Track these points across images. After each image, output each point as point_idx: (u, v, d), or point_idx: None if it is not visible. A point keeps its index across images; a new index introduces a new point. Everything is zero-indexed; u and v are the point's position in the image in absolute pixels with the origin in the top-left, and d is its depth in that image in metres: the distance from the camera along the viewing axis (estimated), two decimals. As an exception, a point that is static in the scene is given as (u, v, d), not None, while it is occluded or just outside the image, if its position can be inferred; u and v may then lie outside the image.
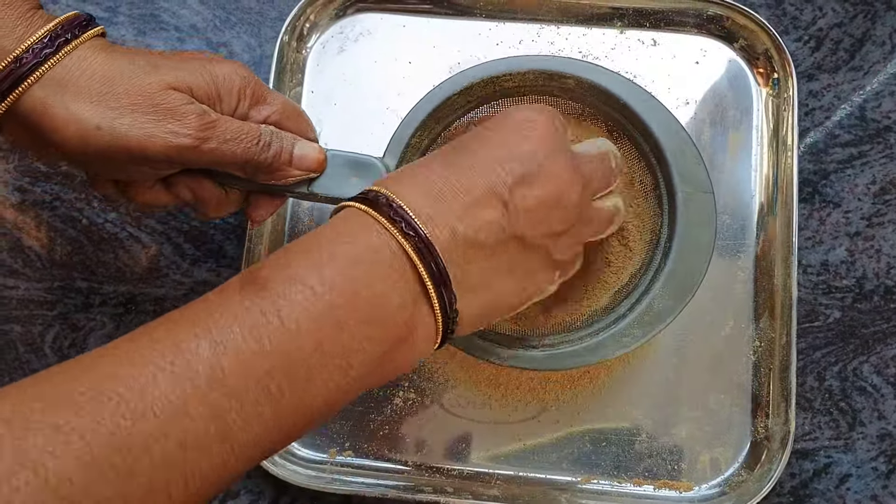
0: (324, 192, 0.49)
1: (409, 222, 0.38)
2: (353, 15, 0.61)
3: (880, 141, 0.58)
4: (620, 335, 0.48)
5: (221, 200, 0.49)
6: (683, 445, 0.54)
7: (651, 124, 0.49)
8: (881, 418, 0.55)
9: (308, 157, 0.48)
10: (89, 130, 0.41)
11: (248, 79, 0.46)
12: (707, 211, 0.49)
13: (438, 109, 0.51)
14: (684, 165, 0.49)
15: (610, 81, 0.50)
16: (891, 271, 0.56)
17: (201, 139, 0.43)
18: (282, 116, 0.47)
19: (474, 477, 0.54)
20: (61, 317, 0.57)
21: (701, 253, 0.49)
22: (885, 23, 0.60)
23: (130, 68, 0.42)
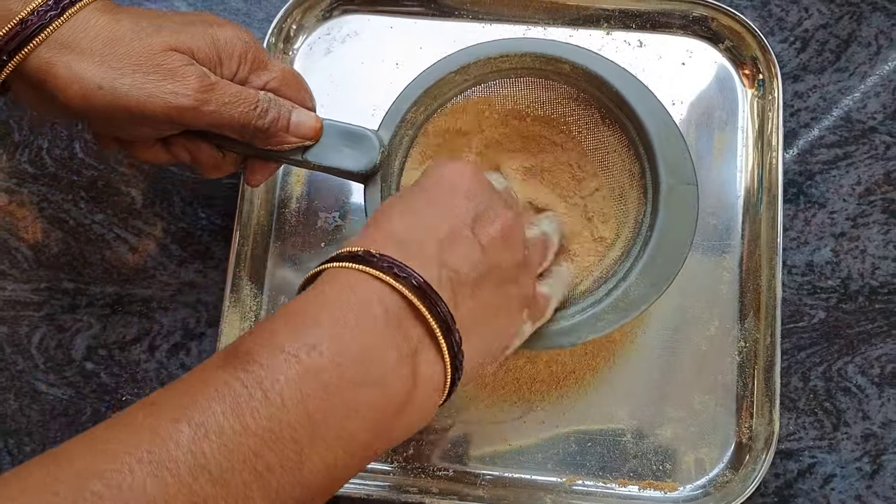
0: (317, 161, 0.50)
1: (400, 267, 0.37)
2: (340, 16, 0.61)
3: (865, 142, 0.58)
4: (595, 319, 0.49)
5: (218, 163, 0.50)
6: (668, 446, 0.54)
7: (641, 114, 0.50)
8: (865, 418, 0.55)
9: (304, 124, 0.48)
10: (92, 90, 0.42)
11: (250, 44, 0.47)
12: (689, 203, 0.49)
13: (435, 86, 0.51)
14: (671, 157, 0.49)
15: (605, 69, 0.50)
16: (875, 272, 0.57)
17: (200, 101, 0.44)
18: (281, 84, 0.48)
19: (460, 478, 0.55)
20: (48, 318, 0.57)
21: (680, 244, 0.49)
22: (871, 24, 0.60)
23: (133, 30, 0.43)
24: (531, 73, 0.53)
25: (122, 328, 0.57)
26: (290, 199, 0.59)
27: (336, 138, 0.50)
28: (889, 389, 0.55)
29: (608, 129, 0.53)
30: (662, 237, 0.49)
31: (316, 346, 0.35)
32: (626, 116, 0.51)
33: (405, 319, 0.37)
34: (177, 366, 0.57)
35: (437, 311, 0.37)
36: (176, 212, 0.59)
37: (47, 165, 0.60)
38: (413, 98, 0.51)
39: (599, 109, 0.53)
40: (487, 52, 0.51)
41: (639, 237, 0.51)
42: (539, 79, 0.53)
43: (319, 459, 0.34)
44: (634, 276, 0.49)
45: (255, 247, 0.57)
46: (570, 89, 0.53)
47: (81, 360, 0.57)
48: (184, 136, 0.48)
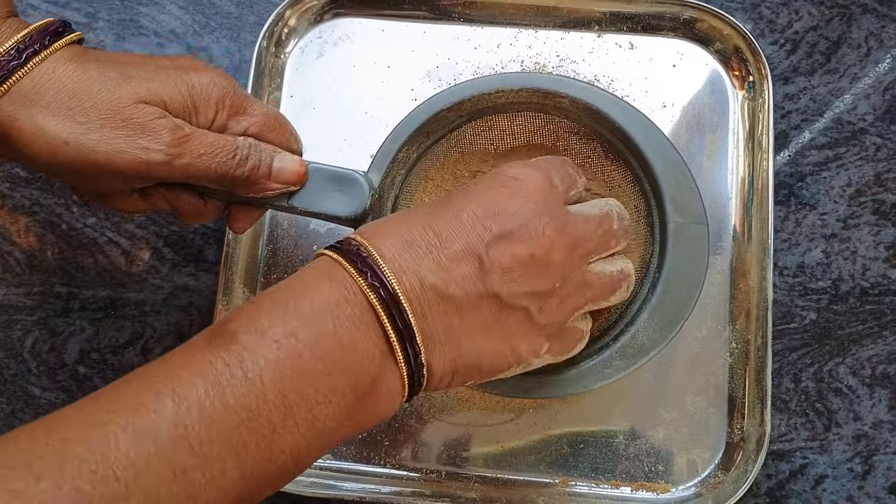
0: (303, 207, 0.48)
1: (375, 273, 0.38)
2: (332, 20, 0.61)
3: (856, 143, 0.59)
4: (602, 366, 0.47)
5: (200, 210, 0.48)
6: (660, 447, 0.55)
7: (646, 150, 0.48)
8: (857, 419, 0.55)
9: (287, 170, 0.46)
10: (58, 145, 0.41)
11: (227, 89, 0.45)
12: (699, 243, 0.47)
13: (427, 124, 0.49)
14: (678, 194, 0.48)
15: (605, 104, 0.49)
16: (866, 273, 0.57)
17: (173, 155, 0.42)
18: (262, 128, 0.46)
19: (452, 479, 0.55)
20: (41, 322, 0.57)
21: (690, 286, 0.47)
22: (861, 26, 0.60)
23: (101, 81, 0.42)
24: (529, 108, 0.51)
25: (115, 332, 0.57)
26: (282, 203, 0.59)
27: (323, 182, 0.48)
28: (880, 390, 0.55)
29: (612, 165, 0.51)
30: (671, 278, 0.47)
31: (294, 332, 0.36)
32: (630, 152, 0.50)
33: (374, 324, 0.38)
34: (170, 369, 0.57)
35: (395, 322, 0.38)
36: (169, 215, 0.59)
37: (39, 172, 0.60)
38: (403, 137, 0.49)
39: (602, 144, 0.51)
40: (481, 88, 0.49)
41: (647, 278, 0.49)
42: (538, 113, 0.52)
43: (289, 440, 0.35)
44: (643, 319, 0.47)
45: (247, 250, 0.57)
46: (570, 123, 0.51)
47: (74, 364, 0.57)
48: (163, 185, 0.46)
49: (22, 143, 0.41)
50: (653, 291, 0.48)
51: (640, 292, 0.49)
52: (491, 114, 0.51)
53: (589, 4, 0.60)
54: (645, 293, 0.49)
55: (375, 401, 0.38)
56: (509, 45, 0.60)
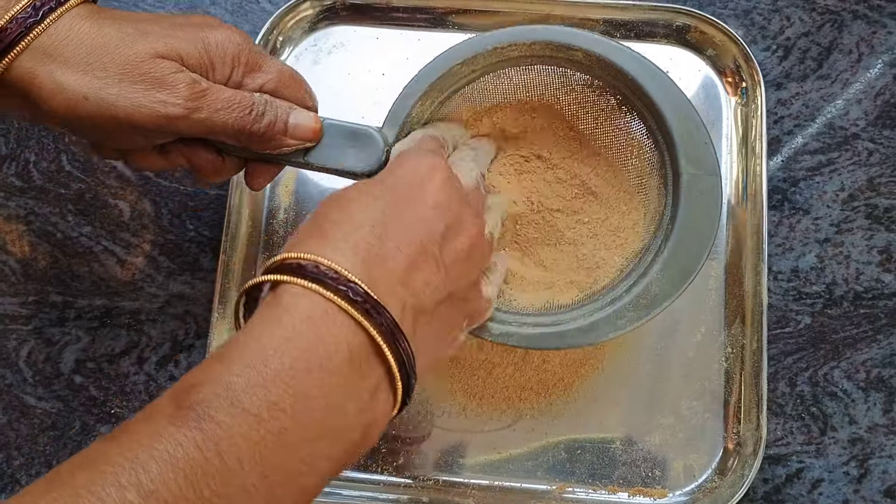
0: (319, 163, 0.48)
1: (372, 303, 0.35)
2: (326, 28, 0.61)
3: (848, 148, 0.59)
4: (616, 317, 0.47)
5: (218, 167, 0.48)
6: (657, 452, 0.55)
7: (660, 103, 0.48)
8: (852, 423, 0.55)
9: (303, 126, 0.47)
10: (77, 100, 0.41)
11: (243, 45, 0.45)
12: (712, 194, 0.47)
13: (440, 79, 0.49)
14: (692, 146, 0.47)
15: (620, 56, 0.48)
16: (860, 277, 0.57)
17: (191, 108, 0.42)
18: (278, 84, 0.46)
19: (450, 487, 0.55)
20: (36, 331, 0.57)
21: (703, 238, 0.47)
22: (852, 32, 0.61)
23: (118, 36, 0.42)
24: (542, 62, 0.51)
25: (111, 341, 0.57)
26: (278, 210, 0.59)
27: (339, 138, 0.48)
28: (875, 394, 0.55)
29: (626, 117, 0.51)
30: (684, 230, 0.47)
31: (278, 402, 0.32)
32: (644, 105, 0.49)
33: (367, 359, 0.35)
34: (166, 378, 0.57)
35: (399, 351, 0.36)
36: (164, 224, 0.59)
37: (34, 178, 0.60)
38: (418, 93, 0.49)
39: (616, 96, 0.51)
40: (495, 41, 0.48)
41: (659, 230, 0.49)
42: (551, 66, 0.51)
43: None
44: (655, 271, 0.47)
45: (243, 258, 0.57)
46: (584, 76, 0.51)
47: (70, 374, 0.57)
48: (181, 142, 0.46)
49: (42, 99, 0.41)
50: (665, 243, 0.48)
51: (653, 244, 0.49)
52: (504, 67, 0.51)
53: (582, 12, 0.60)
54: (658, 245, 0.49)
55: (366, 443, 0.36)
56: (503, 53, 0.60)
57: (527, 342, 0.48)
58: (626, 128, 0.52)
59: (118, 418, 0.56)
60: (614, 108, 0.52)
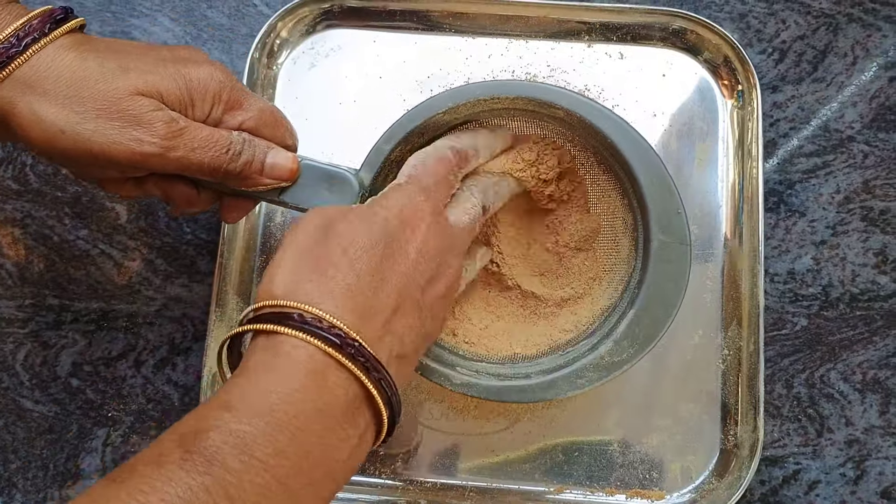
0: (294, 202, 0.48)
1: (366, 356, 0.37)
2: (324, 31, 0.62)
3: (843, 151, 0.59)
4: (576, 376, 0.48)
5: (193, 200, 0.48)
6: (655, 454, 0.55)
7: (636, 168, 0.48)
8: (848, 424, 0.55)
9: (280, 166, 0.47)
10: (54, 133, 0.41)
11: (225, 83, 0.45)
12: (681, 263, 0.48)
13: (422, 125, 0.49)
14: (664, 214, 0.48)
15: (600, 118, 0.49)
16: (856, 279, 0.57)
17: (167, 147, 0.42)
18: (258, 123, 0.46)
19: (448, 489, 0.55)
20: (33, 334, 0.57)
21: (668, 305, 0.48)
22: (847, 35, 0.61)
23: (99, 71, 0.42)
24: (524, 115, 0.52)
25: (108, 344, 0.57)
26: (275, 213, 0.59)
27: (315, 179, 0.48)
28: (871, 395, 0.56)
29: (604, 175, 0.52)
30: (650, 296, 0.48)
31: (283, 451, 0.34)
32: (621, 167, 0.50)
33: (360, 408, 0.37)
34: (163, 381, 0.57)
35: (388, 398, 0.38)
36: (161, 227, 0.59)
37: (31, 182, 0.59)
38: (398, 138, 0.49)
39: (595, 155, 0.52)
40: (477, 94, 0.49)
41: (626, 292, 0.50)
42: (534, 120, 0.52)
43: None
44: (618, 334, 0.48)
45: (240, 261, 0.57)
46: (565, 132, 0.52)
47: (67, 377, 0.57)
48: (157, 175, 0.46)
49: (20, 129, 0.41)
50: (631, 307, 0.48)
51: (620, 305, 0.50)
52: (487, 118, 0.52)
53: (579, 15, 0.60)
54: (624, 307, 0.49)
55: (347, 481, 0.38)
56: (500, 56, 0.60)
57: (486, 394, 0.48)
58: (603, 185, 0.53)
59: (115, 421, 0.56)
60: (593, 164, 0.53)
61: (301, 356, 0.36)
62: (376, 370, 0.37)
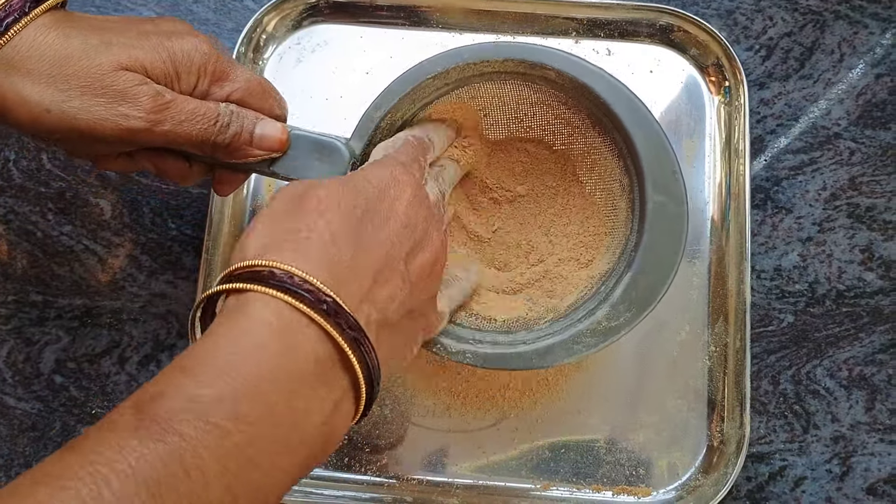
0: (285, 173, 0.48)
1: (338, 311, 0.34)
2: (310, 26, 0.61)
3: (830, 147, 0.59)
4: (572, 342, 0.47)
5: (185, 173, 0.48)
6: (641, 451, 0.55)
7: (631, 129, 0.48)
8: (834, 421, 0.55)
9: (269, 137, 0.46)
10: (40, 113, 0.41)
11: (210, 55, 0.45)
12: (677, 224, 0.47)
13: (412, 91, 0.49)
14: (660, 175, 0.47)
15: (592, 79, 0.48)
16: (842, 276, 0.57)
17: (153, 121, 0.42)
18: (245, 94, 0.46)
19: (434, 486, 0.54)
20: (16, 331, 0.57)
21: (664, 268, 0.47)
22: (834, 32, 0.61)
23: (82, 48, 0.41)
24: (515, 77, 0.50)
25: (92, 340, 0.57)
26: (260, 208, 0.58)
27: (305, 149, 0.48)
28: (857, 392, 0.56)
29: (599, 137, 0.51)
30: (647, 259, 0.47)
31: (245, 415, 0.31)
32: (615, 127, 0.49)
33: (333, 370, 0.35)
34: (147, 377, 0.56)
35: (366, 361, 0.35)
36: (146, 223, 0.59)
37: (14, 177, 0.59)
38: (388, 105, 0.48)
39: (589, 116, 0.51)
40: (466, 57, 0.48)
41: (623, 255, 0.49)
42: (526, 82, 0.51)
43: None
44: (615, 298, 0.47)
45: (225, 257, 0.57)
46: (557, 93, 0.51)
47: (50, 374, 0.56)
48: (147, 149, 0.46)
49: (6, 110, 0.41)
50: (628, 270, 0.48)
51: (617, 268, 0.49)
52: (478, 82, 0.51)
53: (566, 11, 0.60)
54: (621, 271, 0.48)
55: (324, 455, 0.36)
56: (488, 52, 0.60)
57: (482, 361, 0.47)
58: (598, 147, 0.52)
59: (98, 418, 0.56)
60: (588, 127, 0.52)
61: (266, 313, 0.34)
62: (352, 329, 0.35)
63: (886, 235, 0.58)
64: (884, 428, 0.55)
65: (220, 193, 0.51)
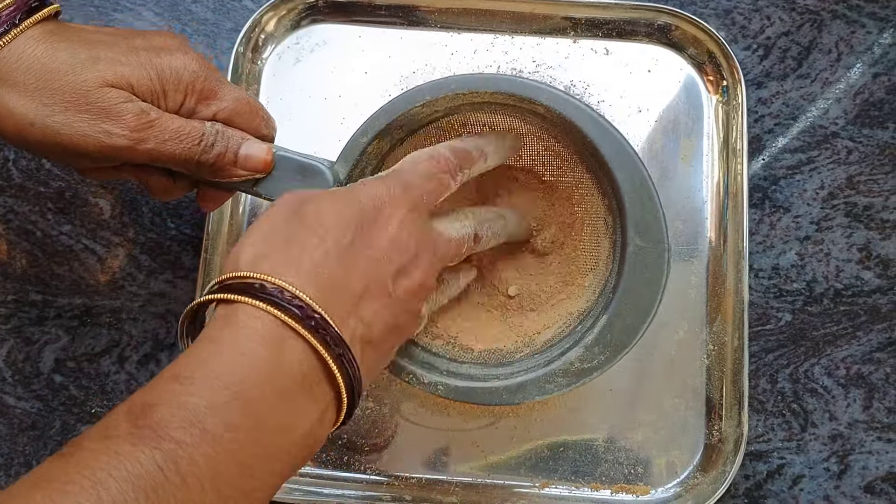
0: (268, 194, 0.48)
1: (324, 326, 0.36)
2: (309, 26, 0.61)
3: (828, 147, 0.59)
4: (545, 381, 0.47)
5: (168, 187, 0.48)
6: (640, 449, 0.55)
7: (615, 169, 0.47)
8: (832, 419, 0.56)
9: (253, 158, 0.46)
10: (24, 125, 0.41)
11: (199, 73, 0.45)
12: (657, 269, 0.47)
13: (400, 119, 0.49)
14: (642, 218, 0.47)
15: (580, 117, 0.47)
16: (839, 275, 0.58)
17: (136, 140, 0.42)
18: (232, 113, 0.46)
19: (433, 485, 0.55)
20: (15, 330, 0.57)
21: (641, 312, 0.47)
22: (832, 31, 0.61)
23: (69, 63, 0.42)
24: (505, 109, 0.50)
25: (91, 340, 0.57)
26: (259, 208, 0.59)
27: (289, 171, 0.47)
28: (854, 390, 0.56)
29: (585, 173, 0.51)
30: (624, 302, 0.47)
31: (235, 423, 0.33)
32: (599, 166, 0.49)
33: (319, 383, 0.36)
34: (147, 377, 0.56)
35: (349, 377, 0.37)
36: (145, 222, 0.59)
37: (14, 177, 0.59)
38: (375, 131, 0.48)
39: (576, 152, 0.51)
40: (454, 87, 0.48)
41: (602, 296, 0.49)
42: (514, 115, 0.51)
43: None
44: (589, 340, 0.47)
45: (224, 257, 0.57)
46: (546, 126, 0.51)
47: (50, 373, 0.56)
48: (131, 164, 0.46)
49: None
50: (604, 312, 0.48)
51: (594, 310, 0.49)
52: (467, 111, 0.51)
53: (564, 10, 0.60)
54: (598, 312, 0.49)
55: (306, 460, 0.37)
56: (486, 51, 0.60)
57: (454, 395, 0.48)
58: (585, 183, 0.52)
59: (98, 417, 0.56)
60: (576, 162, 0.51)
61: (257, 325, 0.35)
62: (337, 345, 0.36)
63: (884, 234, 0.58)
64: (881, 426, 0.55)
65: (204, 209, 0.50)
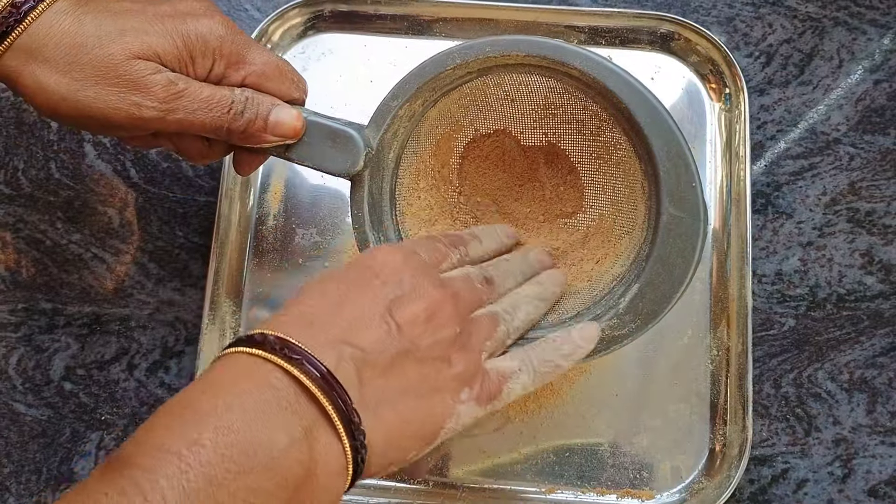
0: (300, 159, 0.48)
1: (292, 348, 0.36)
2: (315, 35, 0.62)
3: (830, 153, 0.60)
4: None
5: (204, 152, 0.48)
6: (645, 454, 0.55)
7: (650, 136, 0.45)
8: (836, 423, 0.56)
9: (283, 124, 0.46)
10: (57, 101, 0.42)
11: (226, 37, 0.45)
12: (691, 239, 0.45)
13: (431, 81, 0.48)
14: (677, 187, 0.45)
15: (616, 83, 0.46)
16: (842, 280, 0.58)
17: (166, 110, 0.43)
18: (261, 77, 0.46)
19: (439, 490, 0.55)
20: (25, 339, 0.57)
21: (674, 283, 0.45)
22: (833, 38, 0.62)
23: (96, 35, 0.42)
24: (538, 71, 0.49)
25: (101, 347, 0.57)
26: (267, 216, 0.59)
27: (321, 137, 0.48)
28: (858, 394, 0.56)
29: (621, 136, 0.50)
30: (656, 272, 0.46)
31: (197, 439, 0.32)
32: (635, 132, 0.47)
33: (297, 401, 0.35)
34: (156, 384, 0.57)
35: (331, 392, 0.36)
36: (153, 230, 0.59)
37: (23, 186, 0.60)
38: (407, 94, 0.48)
39: (610, 116, 0.49)
40: (487, 51, 0.47)
41: (634, 264, 0.48)
42: (547, 77, 0.50)
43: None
44: (621, 308, 0.46)
45: (232, 264, 0.58)
46: (582, 87, 0.49)
47: (60, 381, 0.57)
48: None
49: (26, 96, 0.43)
50: (636, 280, 0.47)
51: (626, 277, 0.48)
52: (501, 72, 0.50)
53: (568, 19, 0.61)
54: (630, 280, 0.48)
55: (314, 487, 0.35)
56: (490, 60, 0.61)
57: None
58: (623, 145, 0.50)
59: (108, 425, 0.56)
60: (612, 125, 0.50)
61: (225, 363, 0.36)
62: (308, 361, 0.36)
63: (886, 240, 0.58)
64: (885, 430, 0.56)
65: (240, 173, 0.51)
